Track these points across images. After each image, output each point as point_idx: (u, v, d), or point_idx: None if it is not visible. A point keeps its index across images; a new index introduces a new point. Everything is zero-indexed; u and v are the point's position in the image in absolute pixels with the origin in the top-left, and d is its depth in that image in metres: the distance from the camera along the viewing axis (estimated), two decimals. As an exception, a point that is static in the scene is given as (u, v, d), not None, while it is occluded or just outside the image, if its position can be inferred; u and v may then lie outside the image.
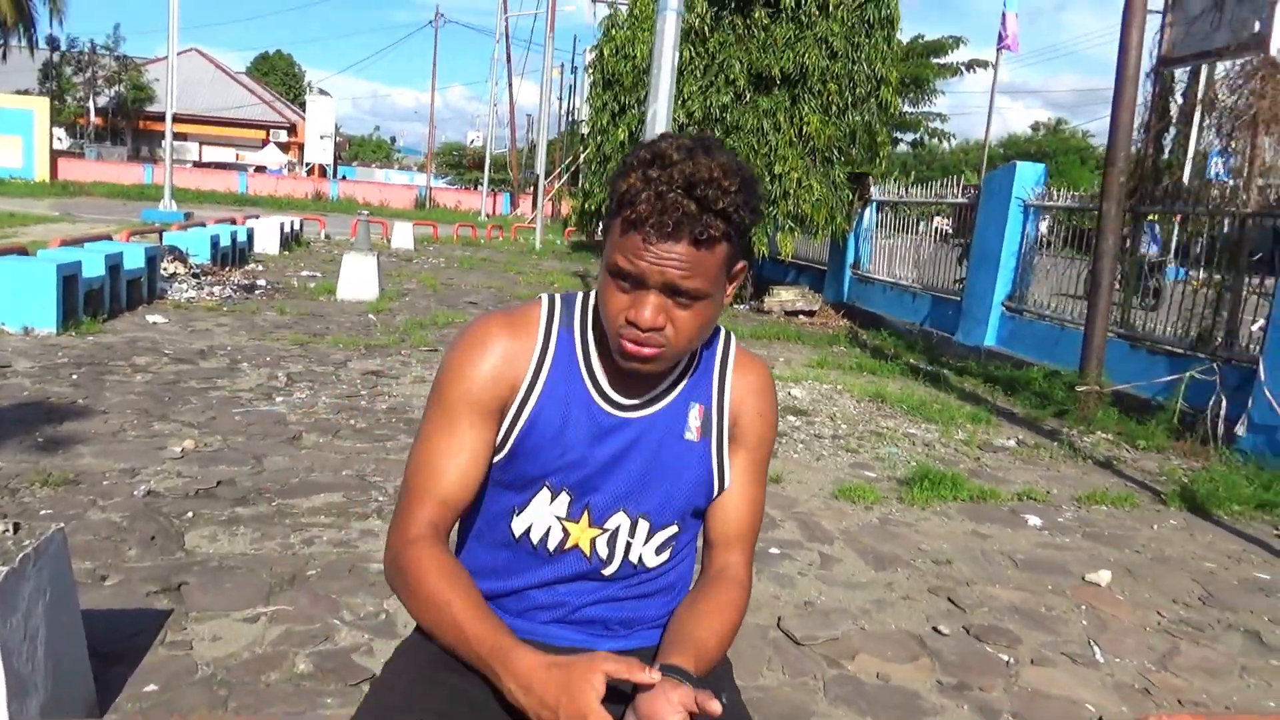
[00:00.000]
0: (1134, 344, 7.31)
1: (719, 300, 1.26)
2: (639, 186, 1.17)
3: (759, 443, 1.40)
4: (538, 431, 1.30)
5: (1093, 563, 4.01)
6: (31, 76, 36.16)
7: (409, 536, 1.25)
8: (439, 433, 1.30)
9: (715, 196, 1.15)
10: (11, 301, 6.73)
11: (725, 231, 1.18)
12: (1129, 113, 6.71)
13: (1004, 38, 10.51)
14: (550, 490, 1.33)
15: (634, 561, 1.35)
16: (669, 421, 1.34)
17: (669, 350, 1.24)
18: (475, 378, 1.30)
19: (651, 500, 1.34)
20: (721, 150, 1.21)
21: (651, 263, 1.18)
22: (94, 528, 3.37)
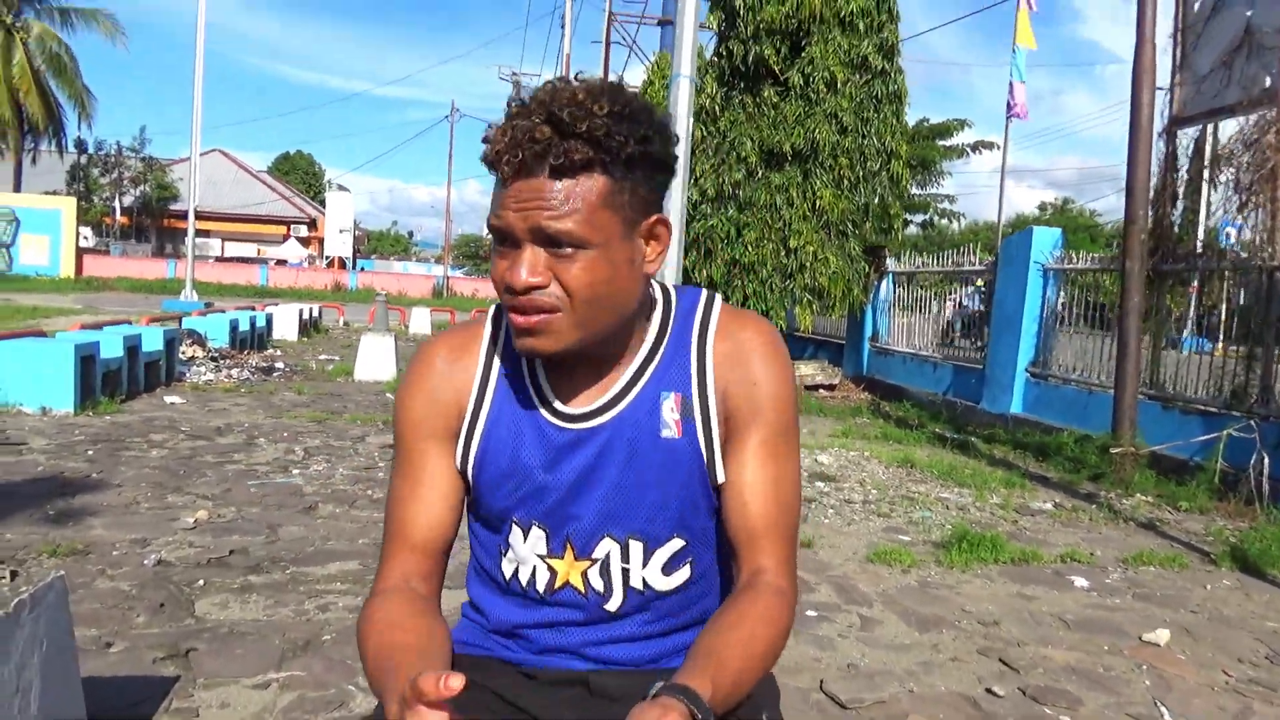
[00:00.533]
0: (1166, 404, 7.14)
1: (619, 254, 1.03)
2: (496, 129, 1.02)
3: (762, 415, 1.12)
4: (490, 461, 1.15)
5: (1148, 623, 3.79)
6: (60, 178, 37.25)
7: (376, 589, 1.13)
8: (399, 475, 1.18)
9: (576, 118, 0.98)
10: (30, 382, 6.72)
11: (594, 159, 0.99)
12: (1144, 170, 6.69)
13: (1013, 106, 10.64)
14: (520, 527, 1.16)
15: (638, 588, 1.15)
16: (638, 421, 1.12)
17: (564, 317, 1.03)
18: (419, 406, 1.16)
19: (637, 517, 1.13)
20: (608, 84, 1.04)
21: (513, 208, 1.00)
22: (101, 596, 3.24)
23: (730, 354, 1.14)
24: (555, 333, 1.04)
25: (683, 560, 1.16)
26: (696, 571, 1.17)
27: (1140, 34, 6.55)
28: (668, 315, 1.17)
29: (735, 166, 11.13)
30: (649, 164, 1.04)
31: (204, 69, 20.35)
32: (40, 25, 32.20)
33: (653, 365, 1.14)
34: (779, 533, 1.11)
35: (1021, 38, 10.76)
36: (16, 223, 29.99)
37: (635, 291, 1.08)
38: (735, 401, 1.12)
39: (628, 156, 1.00)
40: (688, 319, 1.16)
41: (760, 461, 1.12)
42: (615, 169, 1.01)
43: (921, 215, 25.73)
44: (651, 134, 1.03)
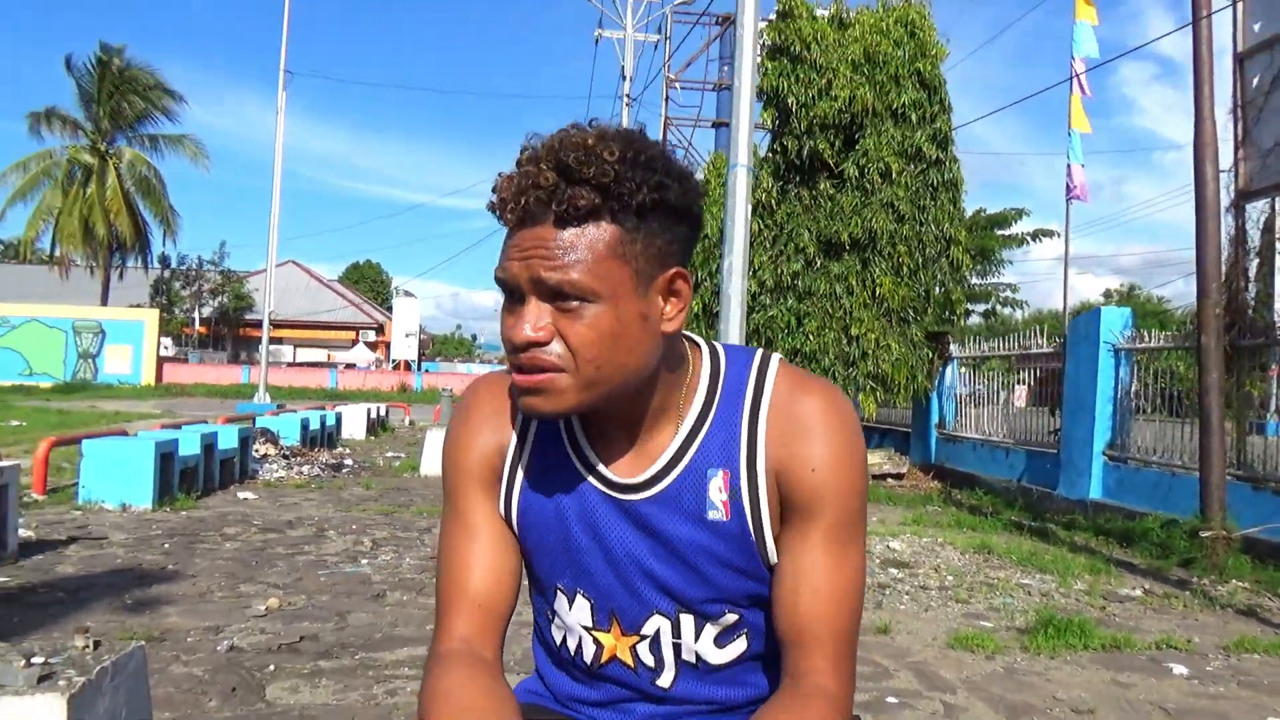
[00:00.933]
0: (1256, 485, 6.81)
1: (628, 309, 0.94)
2: (504, 177, 0.97)
3: (822, 503, 1.01)
4: (532, 518, 1.08)
5: (1257, 712, 3.54)
6: (144, 291, 39.15)
7: (438, 651, 1.04)
8: (452, 524, 1.10)
9: (582, 163, 0.91)
10: (112, 479, 6.93)
11: (601, 206, 0.92)
12: (1214, 245, 6.57)
13: (1072, 188, 10.60)
14: (565, 594, 1.10)
15: (691, 662, 1.08)
16: (683, 500, 1.03)
17: (567, 378, 0.95)
18: (465, 448, 1.11)
19: (687, 595, 1.05)
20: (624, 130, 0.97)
21: (516, 257, 0.94)
22: (175, 680, 3.26)
23: (786, 429, 1.03)
24: (558, 393, 0.96)
25: (737, 632, 1.08)
26: (753, 645, 1.10)
27: (1198, 111, 6.53)
28: (716, 379, 1.07)
29: (794, 257, 11.22)
30: (665, 213, 0.96)
31: (280, 186, 21.46)
32: (131, 151, 34.47)
33: (699, 437, 1.04)
34: (833, 632, 1.00)
35: (1076, 122, 10.79)
36: (103, 334, 31.46)
37: (649, 351, 0.98)
38: (791, 486, 1.02)
39: (639, 204, 0.93)
40: (739, 384, 1.06)
41: (817, 553, 1.01)
42: (625, 218, 0.93)
43: (983, 305, 25.52)
44: (668, 181, 0.95)
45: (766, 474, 1.02)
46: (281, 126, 21.61)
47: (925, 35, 11.29)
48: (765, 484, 1.02)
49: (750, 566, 1.04)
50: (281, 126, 21.61)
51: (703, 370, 1.08)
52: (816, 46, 11.23)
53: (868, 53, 11.08)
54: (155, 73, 34.80)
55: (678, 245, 0.99)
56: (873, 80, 11.01)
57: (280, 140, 21.49)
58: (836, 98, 10.94)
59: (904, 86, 11.00)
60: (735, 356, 1.09)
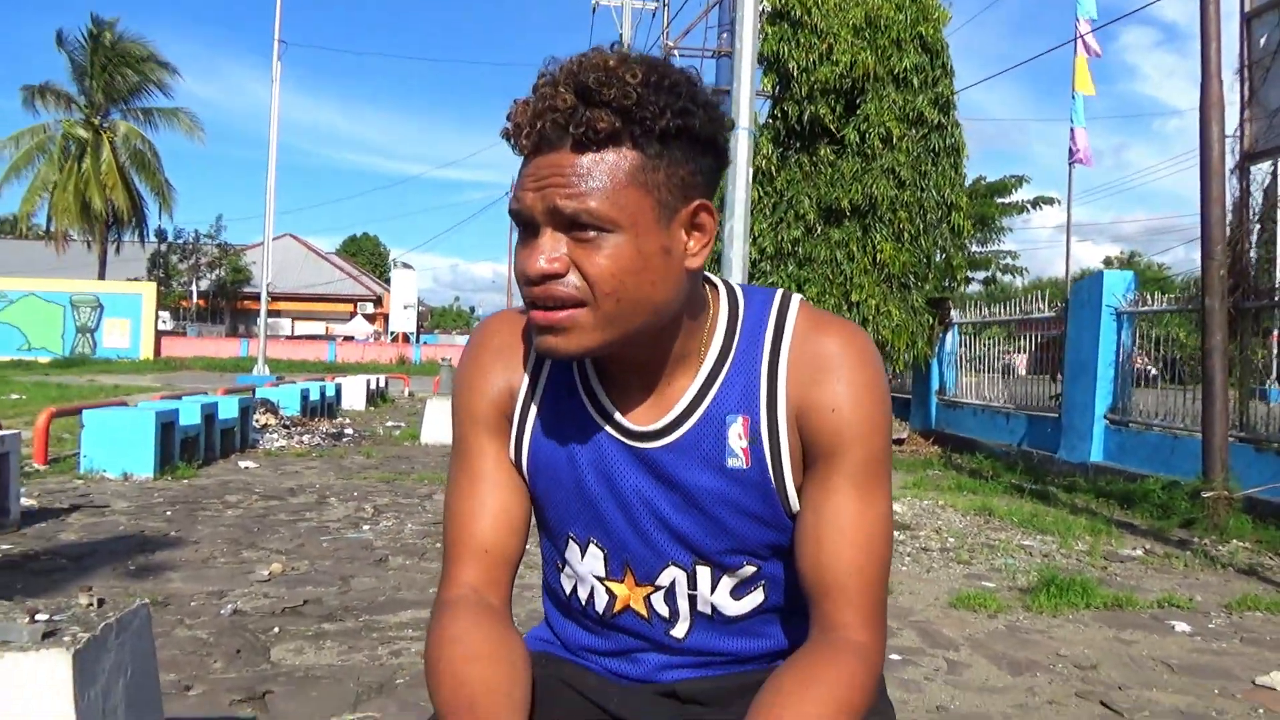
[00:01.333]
0: (1259, 446, 6.81)
1: (650, 241, 0.90)
2: (519, 102, 0.91)
3: (845, 445, 0.96)
4: (543, 465, 1.05)
5: (1260, 666, 3.55)
6: (141, 265, 39.00)
7: (444, 598, 1.02)
8: (459, 470, 1.07)
9: (603, 84, 0.86)
10: (113, 448, 6.92)
11: (623, 130, 0.87)
12: (1219, 206, 6.51)
13: (1075, 152, 10.51)
14: (577, 543, 1.06)
15: (707, 613, 1.05)
16: (703, 448, 0.99)
17: (587, 313, 0.90)
18: (472, 389, 1.07)
19: (703, 547, 1.02)
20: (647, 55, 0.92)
21: (531, 187, 0.90)
22: (180, 644, 3.26)
23: (807, 371, 0.98)
24: (578, 330, 0.91)
25: (755, 584, 1.05)
26: (771, 597, 1.06)
27: (1205, 69, 6.45)
28: (735, 322, 1.02)
29: (794, 224, 11.15)
30: (688, 141, 0.90)
31: (276, 158, 21.31)
32: (126, 125, 34.18)
33: (718, 382, 1.00)
34: (862, 581, 0.95)
35: (1080, 84, 10.68)
36: (100, 308, 31.39)
37: (673, 288, 0.93)
38: (812, 428, 0.97)
39: (662, 130, 0.88)
40: (758, 327, 1.01)
41: (842, 498, 0.96)
42: (647, 143, 0.88)
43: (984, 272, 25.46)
44: (693, 107, 0.89)
45: (788, 418, 0.98)
46: (276, 97, 21.45)
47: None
48: (786, 428, 0.98)
49: (771, 515, 1.00)
50: (276, 97, 21.45)
51: (721, 312, 1.03)
52: (817, 11, 11.08)
53: (869, 17, 10.94)
54: (148, 45, 34.49)
55: (702, 177, 0.94)
56: (874, 44, 10.88)
57: (275, 111, 21.34)
58: (838, 62, 10.82)
59: (905, 51, 10.88)
60: (754, 297, 1.04)
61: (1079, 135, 10.26)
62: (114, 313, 31.39)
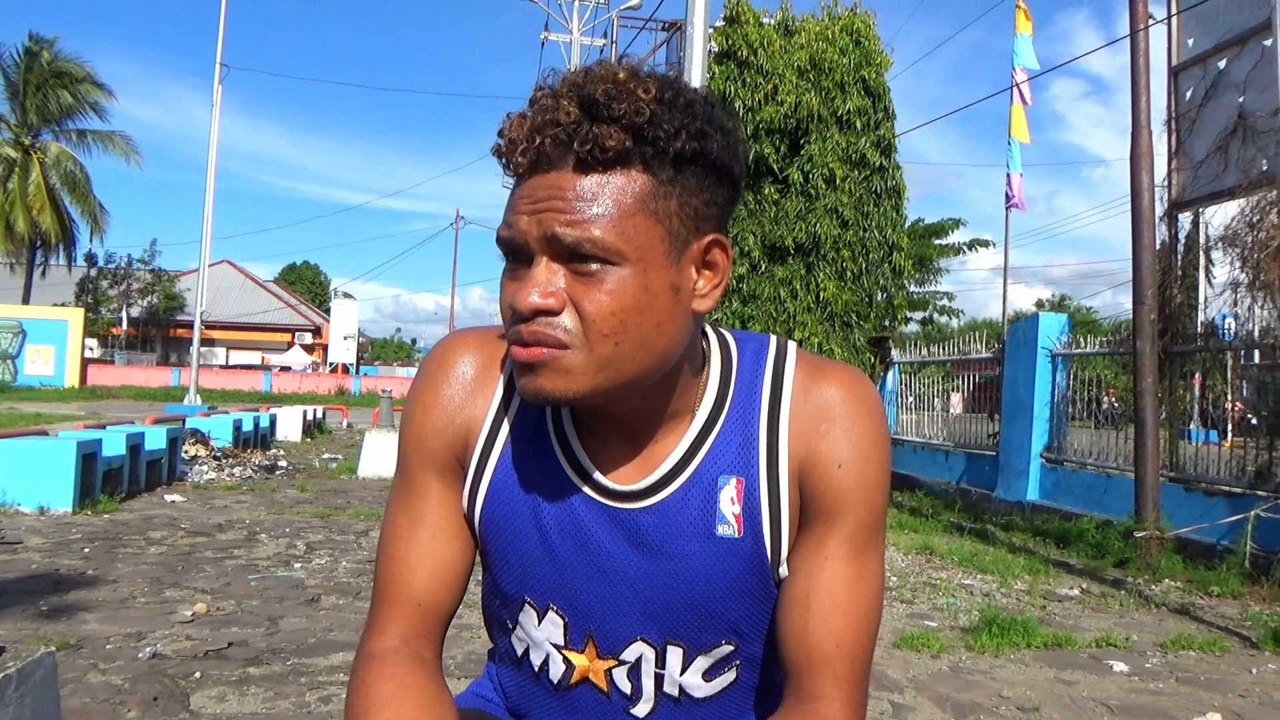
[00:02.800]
0: (1188, 487, 6.98)
1: (658, 278, 0.80)
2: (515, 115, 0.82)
3: (846, 506, 0.88)
4: (500, 521, 0.93)
5: (1196, 707, 3.58)
6: (69, 290, 37.78)
7: (370, 649, 0.91)
8: (400, 508, 0.95)
9: (612, 98, 0.77)
10: (29, 481, 6.60)
11: (633, 150, 0.78)
12: (1149, 253, 6.72)
13: (1011, 197, 10.81)
14: (534, 609, 0.95)
15: (673, 695, 0.95)
16: (688, 512, 0.89)
17: (577, 355, 0.80)
18: (426, 421, 0.95)
19: (681, 625, 0.92)
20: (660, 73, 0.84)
21: (525, 210, 0.79)
22: (92, 690, 3.07)
23: (809, 424, 0.89)
24: (566, 372, 0.80)
25: (729, 664, 0.95)
26: (745, 675, 0.97)
27: (1135, 120, 6.68)
28: (729, 372, 0.93)
29: (739, 261, 11.24)
30: (704, 167, 0.82)
31: (215, 184, 20.87)
32: (58, 147, 33.25)
33: (710, 439, 0.90)
34: (848, 654, 0.86)
35: (1016, 131, 11.02)
36: (23, 334, 30.26)
37: (678, 331, 0.83)
38: (815, 486, 0.89)
39: (677, 152, 0.79)
40: (755, 377, 0.92)
41: (838, 564, 0.87)
42: (660, 167, 0.79)
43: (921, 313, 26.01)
44: (710, 130, 0.81)
45: (790, 477, 0.89)
46: (217, 121, 21.06)
47: (870, 44, 11.42)
48: (788, 490, 0.89)
49: (760, 588, 0.91)
50: (217, 121, 21.06)
51: (713, 361, 0.93)
52: (763, 52, 11.28)
53: (813, 59, 11.17)
54: (86, 65, 33.70)
55: (716, 209, 0.84)
56: (818, 86, 11.09)
57: (215, 136, 20.93)
58: (783, 103, 11.00)
59: (849, 93, 11.11)
60: (746, 345, 0.95)
61: (1015, 181, 10.56)
62: (37, 339, 30.27)
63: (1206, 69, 7.20)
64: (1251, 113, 6.73)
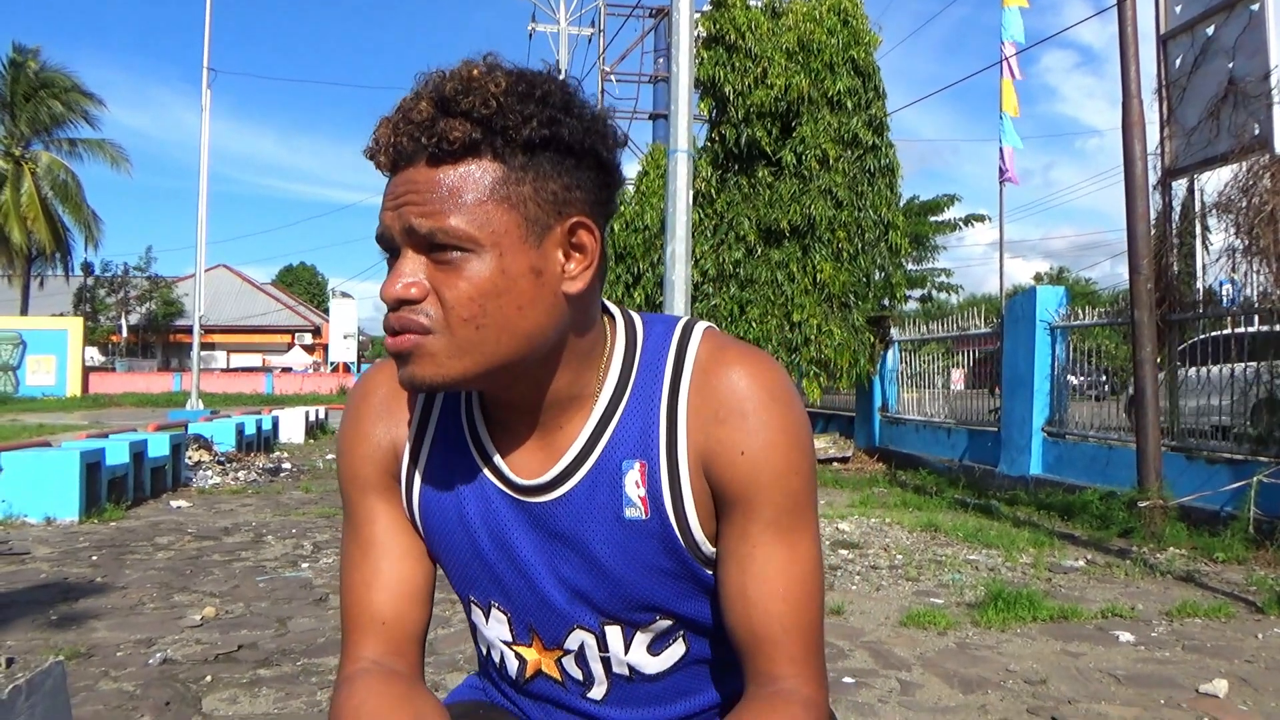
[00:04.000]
0: (1190, 455, 6.99)
1: (516, 262, 0.82)
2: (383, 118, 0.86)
3: (759, 491, 0.88)
4: (434, 524, 0.96)
5: (1203, 674, 3.60)
6: (67, 299, 37.78)
7: (344, 675, 0.94)
8: (349, 538, 0.99)
9: (459, 93, 0.80)
10: (35, 492, 6.62)
11: (483, 141, 0.81)
12: (1144, 222, 6.71)
13: (1004, 171, 10.79)
14: (480, 608, 0.99)
15: (624, 675, 0.97)
16: (596, 499, 0.90)
17: (438, 340, 0.82)
18: (354, 451, 0.99)
19: (608, 606, 0.94)
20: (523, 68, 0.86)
21: (389, 206, 0.83)
22: (104, 698, 3.09)
23: (709, 408, 0.89)
24: (430, 358, 0.82)
25: (672, 638, 0.97)
26: (694, 649, 0.98)
27: (1126, 90, 6.66)
28: (632, 356, 0.93)
29: (735, 246, 11.23)
30: (559, 151, 0.83)
31: (207, 188, 20.85)
32: (49, 156, 33.20)
33: (612, 425, 0.90)
34: (798, 632, 0.88)
35: (1008, 105, 10.99)
36: (23, 345, 30.27)
37: (544, 313, 0.84)
38: (721, 474, 0.88)
39: (526, 139, 0.81)
40: (657, 361, 0.91)
41: (766, 550, 0.88)
42: (510, 155, 0.81)
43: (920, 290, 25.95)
44: (563, 116, 0.83)
45: (690, 462, 0.89)
46: (207, 126, 21.02)
47: (858, 23, 11.38)
48: (689, 474, 0.89)
49: (679, 567, 0.92)
50: (207, 126, 21.02)
51: (617, 346, 0.93)
52: (751, 35, 11.25)
53: (802, 41, 11.13)
54: (72, 75, 33.65)
55: (581, 192, 0.85)
56: (808, 68, 11.06)
57: (206, 140, 20.90)
58: (772, 86, 10.97)
59: (839, 74, 11.07)
60: (654, 328, 0.95)
61: (1008, 154, 10.53)
62: (38, 349, 30.28)
63: (1195, 35, 7.16)
64: (1241, 78, 6.69)
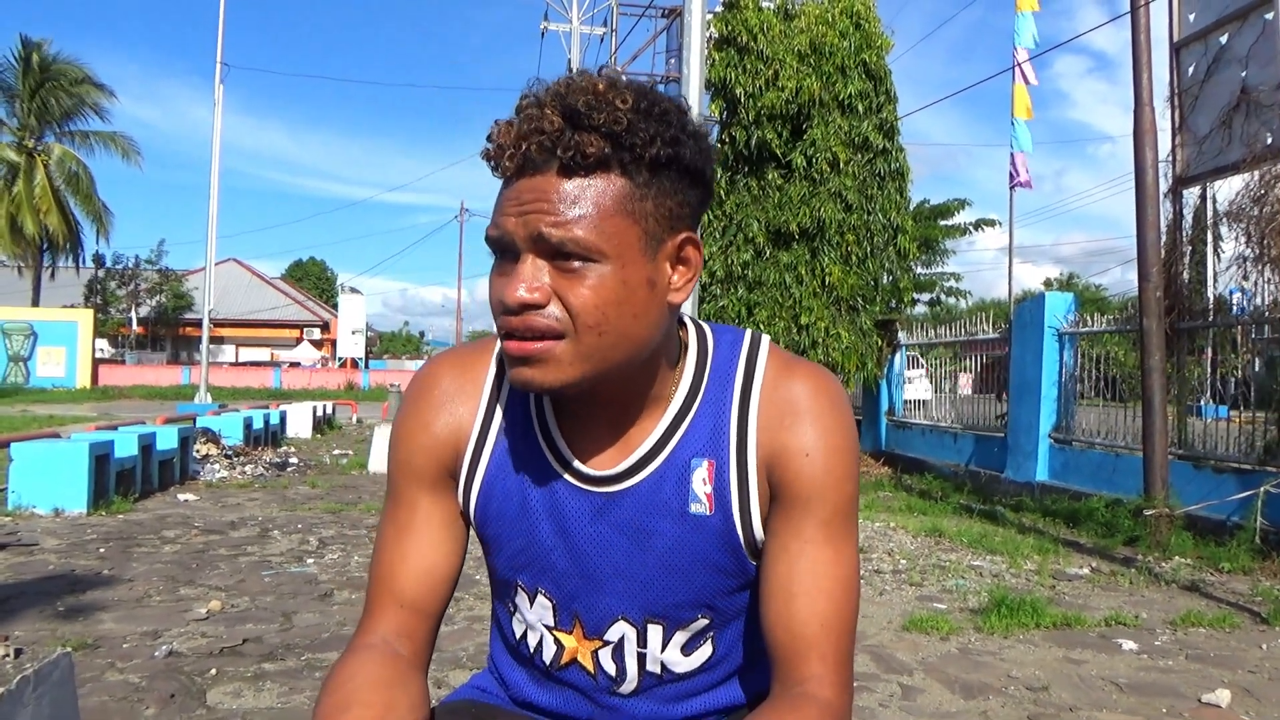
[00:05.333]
0: (1197, 464, 6.97)
1: (635, 273, 0.87)
2: (502, 123, 0.88)
3: (816, 493, 0.93)
4: (494, 514, 1.00)
5: (1206, 684, 3.59)
6: (78, 291, 37.94)
7: (353, 644, 0.98)
8: (388, 519, 1.04)
9: (592, 108, 0.83)
10: (43, 483, 6.66)
11: (612, 156, 0.84)
12: (1154, 231, 6.70)
13: (1015, 176, 10.76)
14: (526, 592, 1.03)
15: (655, 672, 1.02)
16: (665, 493, 0.96)
17: (566, 345, 0.86)
18: (413, 442, 1.02)
19: (658, 601, 0.99)
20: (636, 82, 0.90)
21: (513, 211, 0.86)
22: (110, 689, 3.11)
23: (778, 415, 0.95)
24: (555, 363, 0.87)
25: (704, 638, 1.02)
26: (720, 649, 1.03)
27: (1138, 98, 6.65)
28: (704, 362, 0.99)
29: (743, 247, 11.22)
30: (678, 171, 0.88)
31: (218, 182, 20.92)
32: (61, 148, 33.30)
33: (684, 425, 0.96)
34: (831, 635, 0.91)
35: (1019, 110, 10.96)
36: (34, 336, 30.43)
37: (655, 322, 0.90)
38: (785, 474, 0.94)
39: (652, 158, 0.85)
40: (728, 367, 0.98)
41: (815, 548, 0.93)
42: (636, 171, 0.86)
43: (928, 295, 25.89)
44: (683, 137, 0.88)
45: (758, 463, 0.95)
46: (219, 120, 21.10)
47: (870, 26, 11.36)
48: (756, 474, 0.95)
49: (733, 565, 0.97)
50: (219, 120, 21.10)
51: (691, 351, 1.00)
52: (763, 37, 11.23)
53: (814, 43, 11.12)
54: (83, 67, 33.69)
55: (689, 209, 0.91)
56: (819, 71, 11.04)
57: (218, 134, 20.98)
58: (784, 88, 10.95)
59: (850, 77, 11.06)
60: (723, 337, 1.02)
61: (1019, 160, 10.51)
62: (48, 340, 30.44)
63: (1208, 44, 7.14)
64: (1254, 87, 6.67)
